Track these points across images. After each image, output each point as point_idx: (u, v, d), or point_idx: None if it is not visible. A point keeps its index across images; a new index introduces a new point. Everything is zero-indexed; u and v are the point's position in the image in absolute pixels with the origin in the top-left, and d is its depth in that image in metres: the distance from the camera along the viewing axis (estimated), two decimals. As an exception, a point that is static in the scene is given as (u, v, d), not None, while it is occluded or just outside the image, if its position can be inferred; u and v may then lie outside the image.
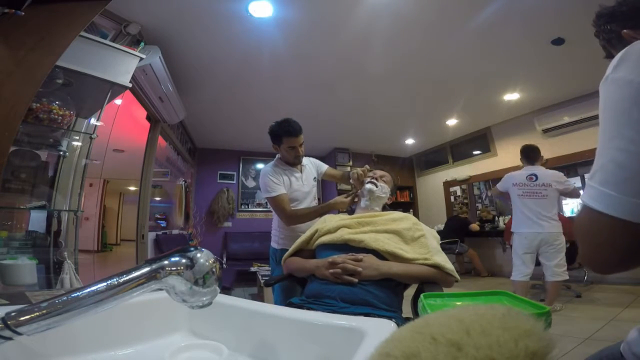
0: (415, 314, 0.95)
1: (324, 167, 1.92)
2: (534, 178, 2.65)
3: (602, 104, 0.40)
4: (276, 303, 1.43)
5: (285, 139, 1.60)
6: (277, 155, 1.74)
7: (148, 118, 3.16)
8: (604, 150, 0.38)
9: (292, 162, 1.69)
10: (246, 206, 5.70)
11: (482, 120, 4.69)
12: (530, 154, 2.77)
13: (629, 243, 0.36)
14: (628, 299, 2.70)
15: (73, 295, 0.33)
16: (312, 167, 1.82)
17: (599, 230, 0.38)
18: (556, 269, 2.55)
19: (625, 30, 0.57)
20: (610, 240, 0.37)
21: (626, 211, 0.35)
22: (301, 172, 1.73)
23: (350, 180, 1.54)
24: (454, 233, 4.50)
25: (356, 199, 1.47)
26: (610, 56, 0.54)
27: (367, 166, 1.54)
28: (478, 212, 5.15)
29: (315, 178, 1.81)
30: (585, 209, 0.39)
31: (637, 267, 0.38)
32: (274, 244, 1.73)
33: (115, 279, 0.35)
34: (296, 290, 1.35)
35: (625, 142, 0.35)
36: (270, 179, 1.60)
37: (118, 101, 2.14)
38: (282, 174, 1.65)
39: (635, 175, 0.35)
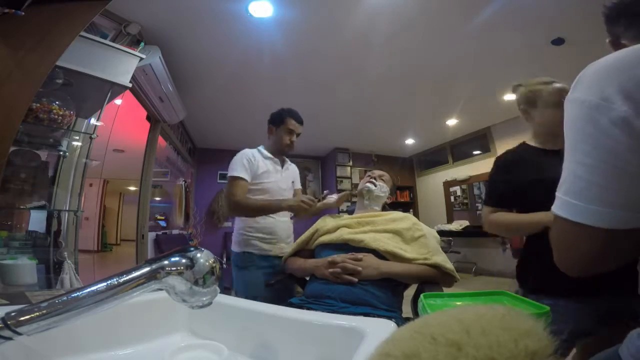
0: (415, 314, 0.95)
1: (299, 184, 1.75)
2: None
3: (565, 121, 0.43)
4: None
5: (288, 119, 1.55)
6: (261, 146, 1.63)
7: (148, 118, 3.16)
8: (567, 163, 0.42)
9: (282, 150, 1.59)
10: (246, 206, 5.69)
11: (482, 120, 4.69)
12: None
13: (592, 246, 0.40)
14: (628, 299, 2.69)
15: (73, 295, 0.33)
16: (294, 172, 1.71)
17: (565, 236, 0.42)
18: None
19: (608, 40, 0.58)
20: (575, 244, 0.41)
21: (586, 217, 0.38)
22: (282, 167, 1.62)
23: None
24: None
25: (315, 202, 1.40)
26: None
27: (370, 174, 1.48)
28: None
29: (293, 182, 1.69)
30: (554, 217, 0.43)
31: (604, 269, 0.42)
32: (234, 247, 1.54)
33: (115, 279, 0.35)
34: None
35: (582, 155, 0.39)
36: (241, 161, 1.48)
37: (118, 101, 2.13)
38: (263, 159, 1.55)
39: (591, 185, 0.38)
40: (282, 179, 1.59)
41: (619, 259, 0.41)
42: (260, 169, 1.51)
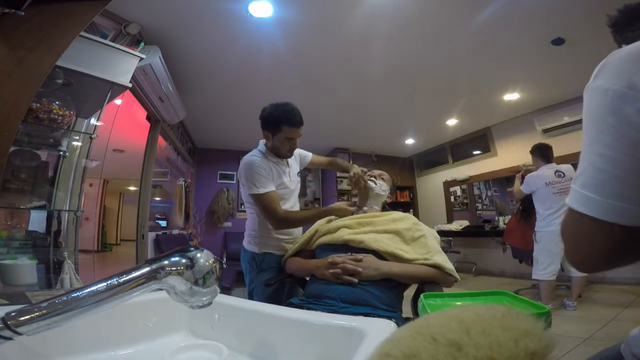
0: (415, 314, 0.95)
1: (309, 156, 1.69)
2: (562, 175, 2.72)
3: (584, 111, 0.42)
4: None
5: (286, 128, 1.36)
6: (261, 143, 1.49)
7: (148, 118, 3.16)
8: (585, 155, 0.40)
9: (284, 155, 1.46)
10: (246, 206, 5.69)
11: (482, 120, 4.69)
12: (547, 153, 2.88)
13: (607, 242, 0.38)
14: (628, 299, 2.70)
15: (73, 295, 0.33)
16: (295, 161, 1.60)
17: (580, 230, 0.40)
18: None
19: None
20: (589, 240, 0.39)
21: (604, 212, 0.37)
22: (288, 166, 1.51)
23: (348, 184, 1.50)
24: None
25: (355, 207, 1.39)
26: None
27: (363, 169, 1.47)
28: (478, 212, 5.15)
29: (299, 173, 1.60)
30: (569, 210, 0.41)
31: (617, 266, 0.41)
32: (252, 247, 1.46)
33: (115, 279, 0.35)
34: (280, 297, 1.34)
35: (602, 147, 0.37)
36: (259, 173, 1.34)
37: (118, 101, 2.13)
38: (272, 167, 1.41)
39: (611, 178, 0.36)
40: (291, 180, 1.52)
41: (633, 258, 0.39)
42: (275, 179, 1.42)
